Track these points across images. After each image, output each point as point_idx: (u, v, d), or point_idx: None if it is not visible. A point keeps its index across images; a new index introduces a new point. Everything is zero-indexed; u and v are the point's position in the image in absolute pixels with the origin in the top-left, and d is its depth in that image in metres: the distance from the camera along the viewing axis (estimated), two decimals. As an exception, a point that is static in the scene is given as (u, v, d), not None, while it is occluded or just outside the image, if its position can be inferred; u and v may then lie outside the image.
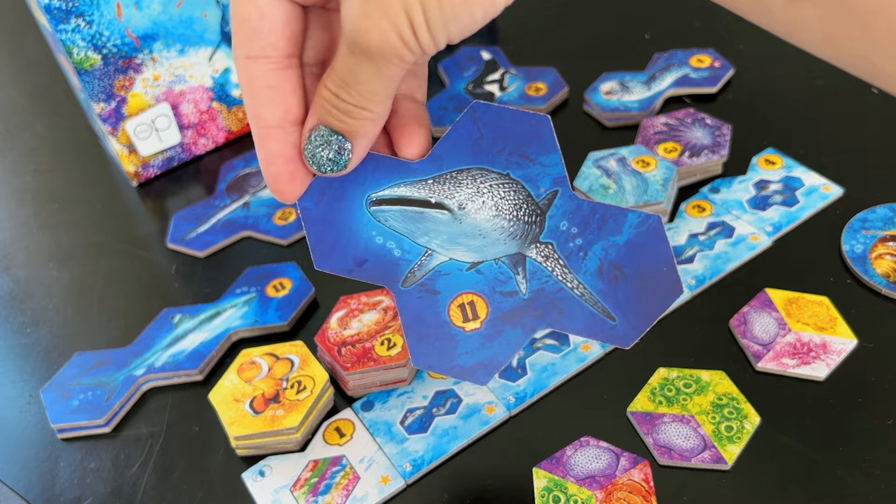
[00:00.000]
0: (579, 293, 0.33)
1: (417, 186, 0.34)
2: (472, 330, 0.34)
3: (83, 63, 0.57)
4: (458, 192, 0.33)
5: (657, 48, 0.67)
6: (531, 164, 0.33)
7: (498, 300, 0.33)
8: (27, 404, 0.50)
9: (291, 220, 0.58)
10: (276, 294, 0.53)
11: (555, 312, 0.33)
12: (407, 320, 0.34)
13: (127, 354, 0.51)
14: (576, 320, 0.33)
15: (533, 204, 0.33)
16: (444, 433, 0.45)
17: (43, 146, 0.71)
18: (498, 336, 0.33)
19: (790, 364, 0.45)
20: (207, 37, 0.60)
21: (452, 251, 0.34)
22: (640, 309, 0.33)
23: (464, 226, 0.33)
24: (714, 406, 0.44)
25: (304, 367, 0.46)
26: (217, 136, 0.66)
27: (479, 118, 0.33)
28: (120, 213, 0.63)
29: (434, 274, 0.34)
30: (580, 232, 0.33)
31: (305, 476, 0.44)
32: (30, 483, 0.46)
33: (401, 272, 0.34)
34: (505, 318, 0.33)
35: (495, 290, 0.34)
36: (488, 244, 0.34)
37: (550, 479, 0.42)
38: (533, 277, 0.33)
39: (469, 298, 0.34)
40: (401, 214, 0.34)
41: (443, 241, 0.34)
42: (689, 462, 0.42)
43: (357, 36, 0.29)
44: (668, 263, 0.33)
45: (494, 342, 0.33)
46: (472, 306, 0.34)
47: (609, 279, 0.33)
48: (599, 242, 0.33)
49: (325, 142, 0.32)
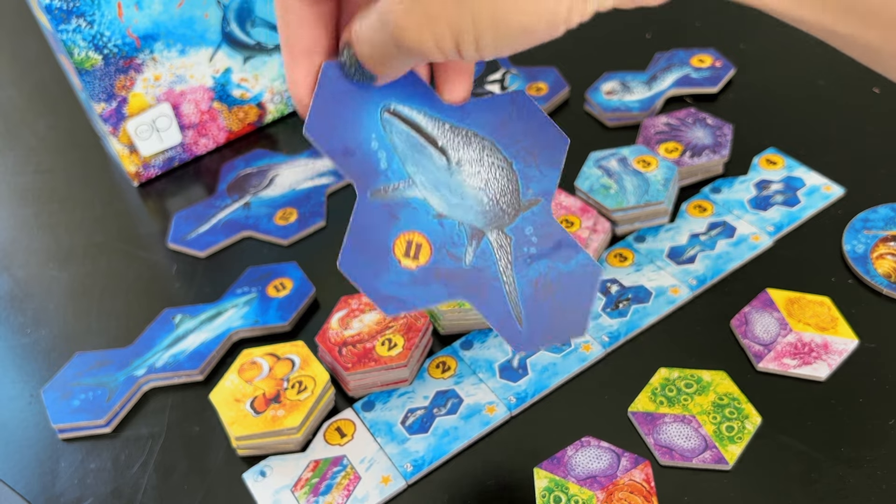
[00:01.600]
0: (507, 290, 0.35)
1: (435, 124, 0.35)
2: (406, 267, 0.34)
3: (84, 63, 0.57)
4: (464, 151, 0.35)
5: (658, 48, 0.66)
6: (534, 167, 0.36)
7: (442, 256, 0.35)
8: (28, 404, 0.50)
9: (292, 221, 0.58)
10: (276, 294, 0.53)
11: (480, 293, 0.35)
12: (356, 226, 0.34)
13: (128, 354, 0.51)
14: (492, 310, 0.35)
15: (516, 198, 0.36)
16: (444, 433, 0.44)
17: (43, 146, 0.71)
18: (424, 285, 0.35)
19: (791, 364, 0.45)
20: (208, 37, 0.60)
21: (430, 194, 0.35)
22: (546, 330, 0.35)
23: (452, 180, 0.35)
24: (715, 406, 0.44)
25: (305, 367, 0.46)
26: (218, 136, 0.66)
27: (518, 105, 0.35)
28: (121, 213, 0.63)
29: (403, 202, 0.35)
30: (538, 243, 0.36)
31: (306, 476, 0.44)
32: (30, 483, 0.46)
33: (377, 183, 0.34)
34: (438, 274, 0.35)
35: (445, 246, 0.35)
36: (462, 207, 0.35)
37: (551, 480, 0.42)
38: (481, 255, 0.35)
39: (419, 240, 0.35)
40: (406, 136, 0.35)
41: (427, 180, 0.35)
42: (690, 462, 0.42)
43: (393, 28, 0.28)
44: (586, 310, 0.36)
45: (419, 288, 0.35)
46: (417, 248, 0.35)
47: (538, 293, 0.35)
48: (547, 260, 0.36)
49: (354, 63, 0.32)
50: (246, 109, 0.66)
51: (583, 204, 0.54)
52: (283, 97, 0.67)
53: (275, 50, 0.64)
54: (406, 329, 0.47)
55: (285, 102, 0.67)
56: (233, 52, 0.62)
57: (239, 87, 0.64)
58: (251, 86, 0.65)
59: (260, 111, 0.66)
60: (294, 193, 0.61)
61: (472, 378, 0.47)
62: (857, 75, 0.60)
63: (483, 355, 0.48)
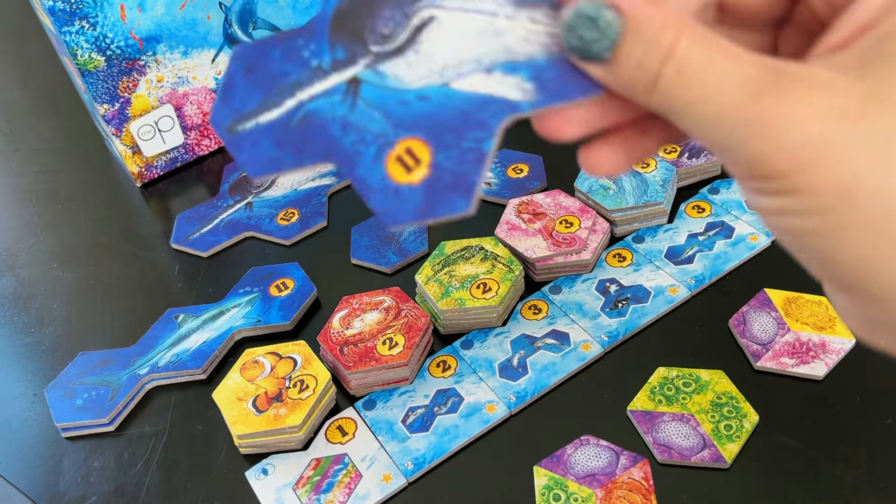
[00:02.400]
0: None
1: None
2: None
3: (87, 65, 0.57)
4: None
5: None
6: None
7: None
8: (31, 403, 0.51)
9: (294, 221, 0.59)
10: (278, 294, 0.53)
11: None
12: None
13: (131, 354, 0.51)
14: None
15: None
16: (445, 432, 0.45)
17: (47, 147, 0.71)
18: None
19: (789, 363, 0.45)
20: (211, 39, 0.61)
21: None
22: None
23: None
24: (713, 405, 0.44)
25: (307, 366, 0.47)
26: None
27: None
28: (124, 214, 0.63)
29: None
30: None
31: (308, 474, 0.44)
32: (34, 481, 0.46)
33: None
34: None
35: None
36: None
37: (551, 478, 0.42)
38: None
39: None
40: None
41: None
42: (688, 460, 0.42)
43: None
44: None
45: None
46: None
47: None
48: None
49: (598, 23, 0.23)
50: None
51: (582, 204, 0.54)
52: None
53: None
54: (407, 328, 0.47)
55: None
56: (235, 54, 0.62)
57: (241, 89, 0.64)
58: (253, 87, 0.65)
59: (262, 112, 0.67)
60: (295, 194, 0.61)
61: (473, 377, 0.47)
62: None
63: (483, 354, 0.48)
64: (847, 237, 0.21)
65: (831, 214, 0.21)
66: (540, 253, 0.51)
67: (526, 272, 0.52)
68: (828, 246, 0.21)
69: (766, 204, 0.22)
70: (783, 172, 0.21)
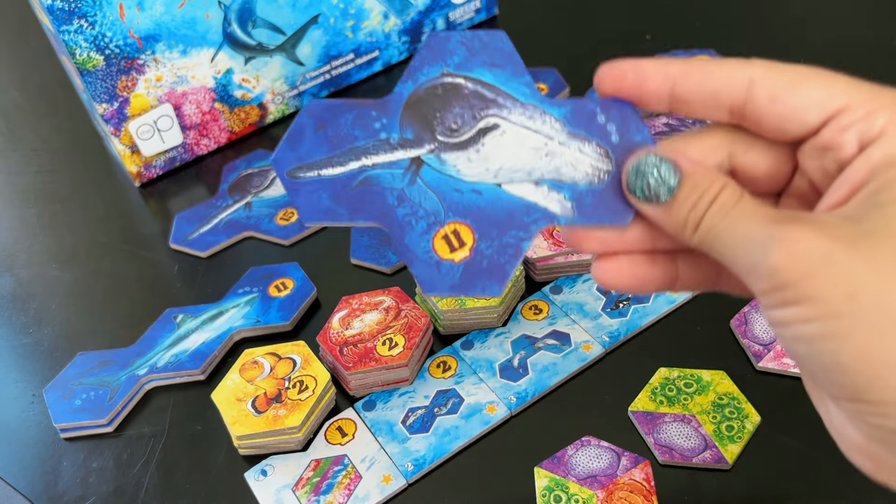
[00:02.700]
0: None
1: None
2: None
3: (86, 64, 0.57)
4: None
5: (658, 49, 0.67)
6: None
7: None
8: (30, 404, 0.50)
9: (293, 221, 0.58)
10: (278, 294, 0.53)
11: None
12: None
13: (129, 354, 0.51)
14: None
15: None
16: (445, 433, 0.45)
17: (46, 147, 0.71)
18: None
19: (791, 364, 0.45)
20: (210, 38, 0.61)
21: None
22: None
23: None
24: (715, 406, 0.44)
25: (306, 366, 0.47)
26: (219, 136, 0.66)
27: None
28: (122, 214, 0.63)
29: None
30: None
31: (307, 475, 0.44)
32: (33, 482, 0.46)
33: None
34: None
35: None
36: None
37: (552, 479, 0.42)
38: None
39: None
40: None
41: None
42: (690, 461, 0.42)
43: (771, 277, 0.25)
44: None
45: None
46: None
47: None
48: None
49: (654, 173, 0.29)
50: (247, 110, 0.66)
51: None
52: (283, 98, 0.67)
53: (276, 51, 0.64)
54: (407, 329, 0.47)
55: (286, 103, 0.67)
56: (234, 53, 0.62)
57: (240, 88, 0.64)
58: (252, 86, 0.65)
59: (261, 112, 0.67)
60: (295, 194, 0.61)
61: (473, 378, 0.47)
62: (858, 76, 0.61)
63: (483, 355, 0.48)
64: (852, 340, 0.24)
65: (838, 319, 0.24)
66: (541, 253, 0.51)
67: (526, 272, 0.52)
68: (835, 349, 0.24)
69: (781, 315, 0.25)
70: (794, 281, 0.24)
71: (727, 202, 0.27)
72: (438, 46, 0.30)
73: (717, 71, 0.29)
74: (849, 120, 0.27)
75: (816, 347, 0.25)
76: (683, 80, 0.29)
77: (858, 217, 0.25)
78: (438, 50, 0.30)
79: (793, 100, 0.28)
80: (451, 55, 0.30)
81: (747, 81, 0.28)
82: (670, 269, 0.31)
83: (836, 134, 0.27)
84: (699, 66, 0.29)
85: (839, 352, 0.24)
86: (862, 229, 0.25)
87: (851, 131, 0.27)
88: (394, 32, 0.69)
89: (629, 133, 0.30)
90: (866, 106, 0.27)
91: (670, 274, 0.31)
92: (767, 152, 0.30)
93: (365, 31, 0.67)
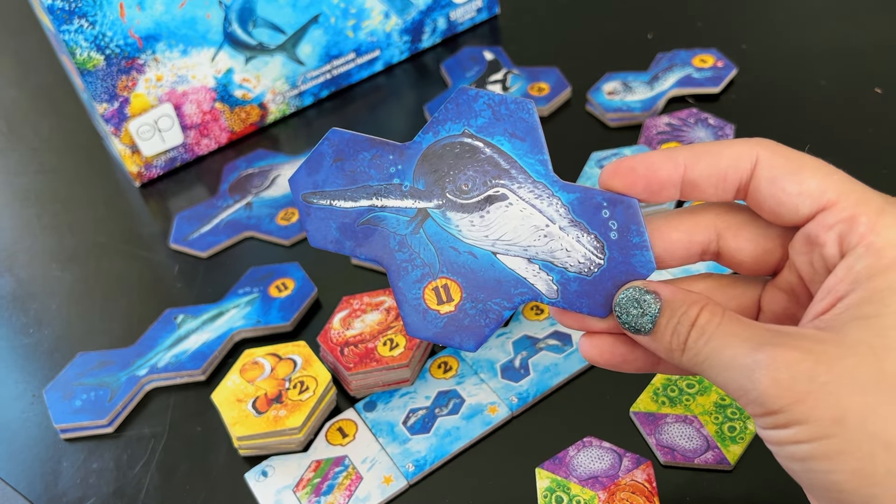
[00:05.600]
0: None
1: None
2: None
3: (86, 63, 0.57)
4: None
5: (660, 48, 0.66)
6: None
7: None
8: (30, 404, 0.50)
9: (294, 221, 0.58)
10: (278, 294, 0.53)
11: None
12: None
13: (130, 355, 0.51)
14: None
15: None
16: (446, 433, 0.45)
17: (46, 147, 0.71)
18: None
19: (793, 364, 0.45)
20: (210, 37, 0.60)
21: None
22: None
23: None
24: (717, 406, 0.44)
25: (307, 367, 0.46)
26: (220, 136, 0.66)
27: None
28: (123, 214, 0.63)
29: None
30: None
31: (308, 476, 0.44)
32: (32, 483, 0.46)
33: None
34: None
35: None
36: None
37: (553, 480, 0.42)
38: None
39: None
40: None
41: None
42: (691, 462, 0.42)
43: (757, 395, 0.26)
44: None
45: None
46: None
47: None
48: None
49: (641, 306, 0.30)
50: (248, 110, 0.66)
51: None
52: (284, 97, 0.67)
53: (276, 50, 0.64)
54: (408, 329, 0.47)
55: (287, 103, 0.67)
56: (235, 53, 0.62)
57: (241, 88, 0.64)
58: (253, 86, 0.65)
59: (262, 111, 0.67)
60: (296, 194, 0.61)
61: (474, 378, 0.47)
62: (859, 76, 0.60)
63: (485, 356, 0.48)
64: (845, 460, 0.25)
65: (829, 440, 0.25)
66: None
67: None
68: (829, 469, 0.25)
69: (777, 436, 0.26)
70: (786, 406, 0.25)
71: (707, 325, 0.28)
72: (465, 104, 0.31)
73: (725, 151, 0.30)
74: (834, 218, 0.28)
75: (811, 466, 0.26)
76: (693, 164, 0.30)
77: (841, 328, 0.26)
78: (464, 108, 0.31)
79: (790, 185, 0.29)
80: (475, 116, 0.31)
81: (753, 161, 0.29)
82: (651, 355, 0.32)
83: (822, 230, 0.28)
84: (706, 149, 0.30)
85: (833, 471, 0.25)
86: (845, 343, 0.26)
87: (833, 230, 0.28)
88: (395, 32, 0.69)
89: (628, 234, 0.31)
90: (851, 208, 0.28)
91: (651, 359, 0.33)
92: (756, 240, 0.31)
93: (366, 31, 0.67)
